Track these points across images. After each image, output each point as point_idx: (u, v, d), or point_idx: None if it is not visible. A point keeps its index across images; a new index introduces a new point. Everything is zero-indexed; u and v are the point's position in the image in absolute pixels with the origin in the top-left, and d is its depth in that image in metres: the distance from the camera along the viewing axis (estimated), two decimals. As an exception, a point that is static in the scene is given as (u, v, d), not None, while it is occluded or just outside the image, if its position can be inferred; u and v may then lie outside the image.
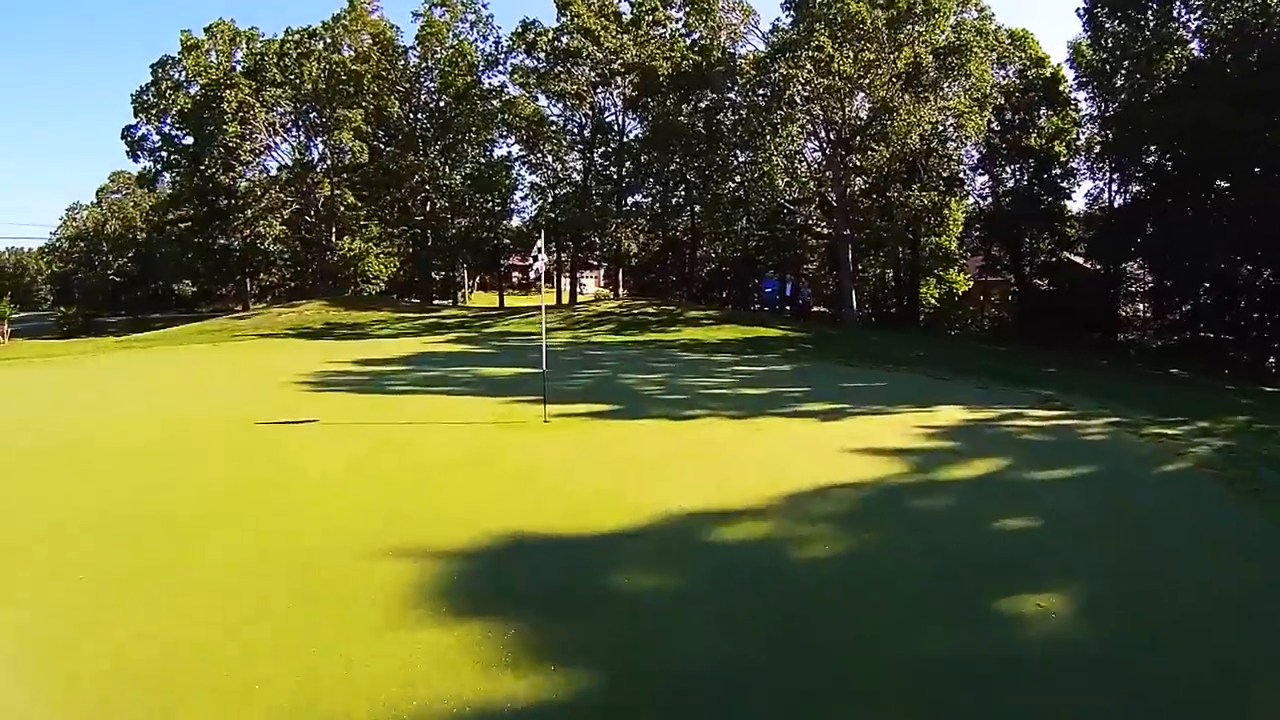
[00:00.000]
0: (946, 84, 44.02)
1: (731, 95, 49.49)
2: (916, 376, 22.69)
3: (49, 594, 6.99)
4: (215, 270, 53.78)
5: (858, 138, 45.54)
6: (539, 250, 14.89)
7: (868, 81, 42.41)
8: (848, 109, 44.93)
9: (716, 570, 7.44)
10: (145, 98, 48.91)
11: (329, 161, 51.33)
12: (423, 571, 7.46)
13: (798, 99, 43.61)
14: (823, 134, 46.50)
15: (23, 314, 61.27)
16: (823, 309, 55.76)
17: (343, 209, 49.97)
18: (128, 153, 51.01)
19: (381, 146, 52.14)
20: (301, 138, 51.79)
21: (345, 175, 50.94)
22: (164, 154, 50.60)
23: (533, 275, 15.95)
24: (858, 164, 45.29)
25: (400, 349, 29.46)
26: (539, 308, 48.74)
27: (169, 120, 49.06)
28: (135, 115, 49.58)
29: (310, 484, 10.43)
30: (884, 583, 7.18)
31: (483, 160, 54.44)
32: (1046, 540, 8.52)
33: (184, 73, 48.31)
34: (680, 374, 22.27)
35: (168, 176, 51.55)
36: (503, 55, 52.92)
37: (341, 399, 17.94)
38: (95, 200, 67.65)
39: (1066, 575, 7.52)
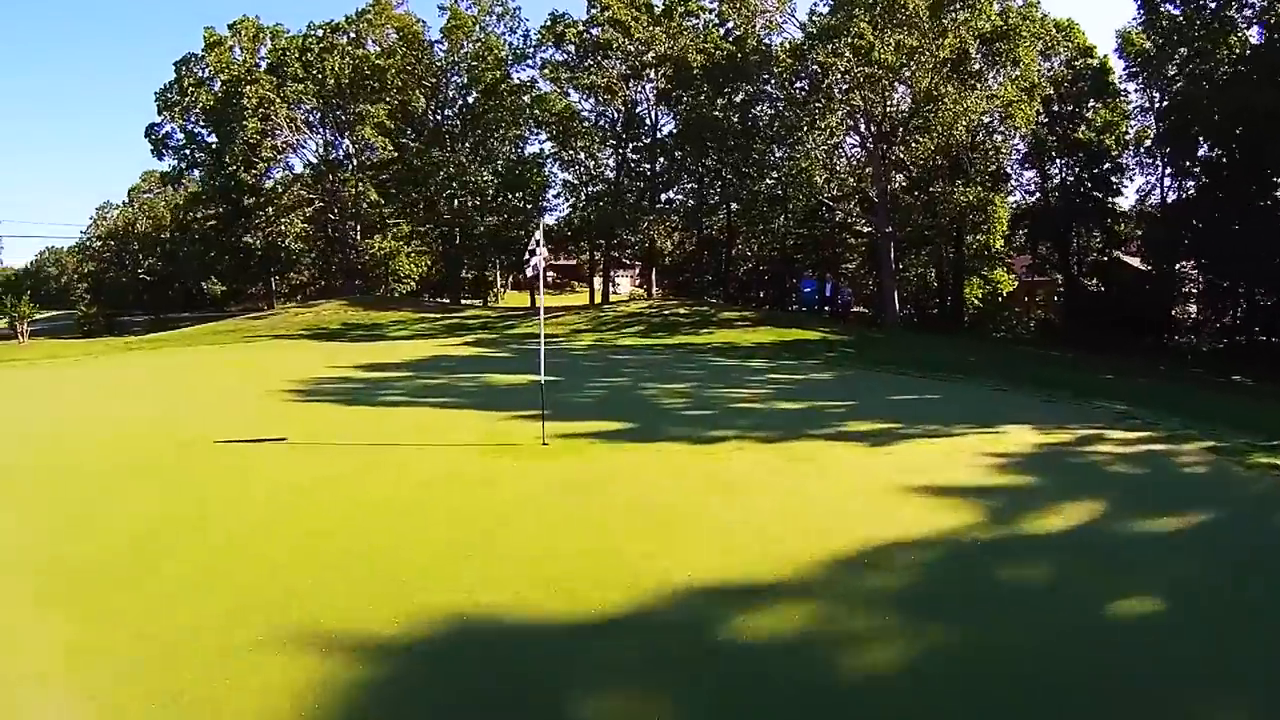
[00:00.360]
0: (993, 73, 41.34)
1: (768, 88, 46.99)
2: (971, 387, 20.13)
3: None
4: (240, 269, 52.28)
5: (900, 130, 42.95)
6: (537, 243, 12.60)
7: (910, 71, 39.73)
8: (889, 100, 42.33)
9: (728, 691, 5.11)
10: (169, 95, 47.53)
11: (354, 160, 49.59)
12: (324, 676, 5.25)
13: (836, 90, 41.14)
14: (863, 128, 43.92)
15: (55, 312, 60.50)
16: (862, 309, 53.14)
17: (365, 206, 48.11)
18: (153, 151, 49.83)
19: (409, 143, 50.28)
20: (326, 135, 50.10)
21: (370, 172, 49.13)
22: (188, 152, 49.20)
23: (529, 273, 13.77)
24: (901, 156, 42.66)
25: (412, 352, 27.47)
26: (570, 308, 47.93)
27: (193, 118, 47.59)
28: (159, 113, 48.39)
29: (231, 529, 8.31)
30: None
31: (514, 157, 52.46)
32: (1181, 633, 6.08)
33: (207, 69, 46.72)
34: (709, 383, 19.90)
35: (195, 174, 49.97)
36: (531, 49, 50.99)
37: (324, 411, 15.88)
38: (127, 199, 66.77)
39: (1222, 693, 5.11)
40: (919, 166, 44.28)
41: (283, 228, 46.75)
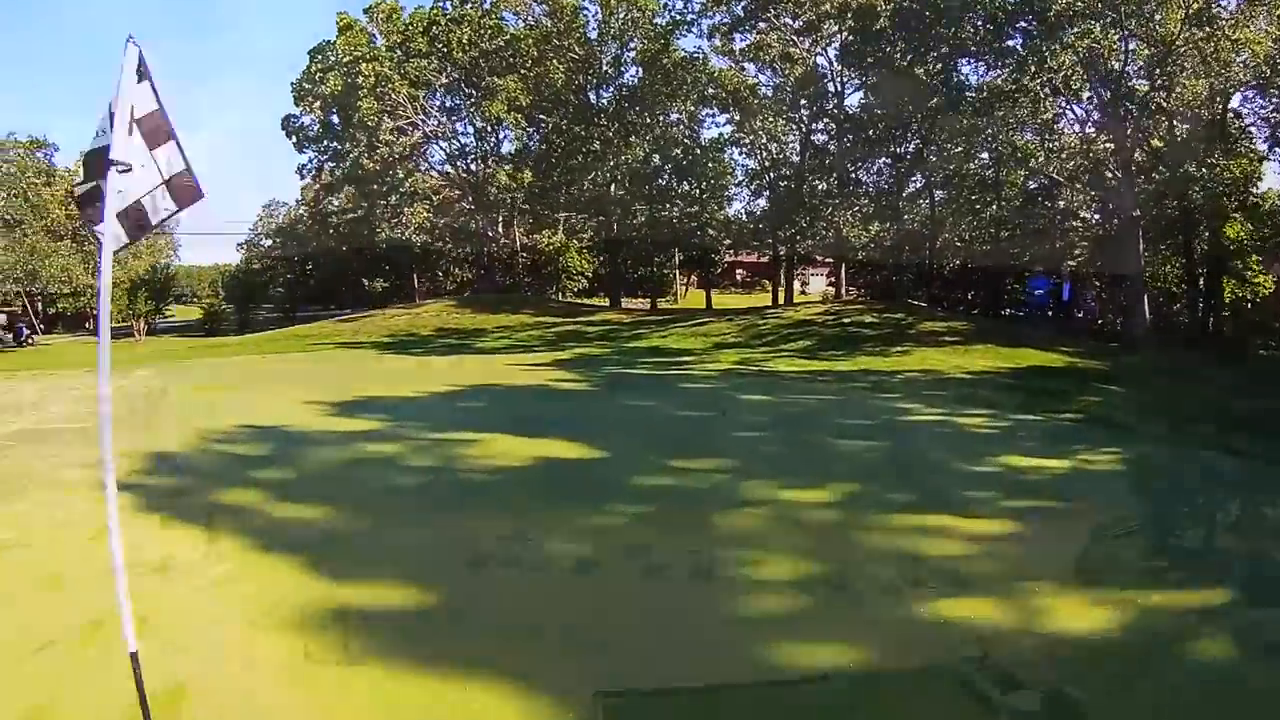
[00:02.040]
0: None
1: (973, 45, 35.01)
2: None
3: None
4: (376, 264, 46.17)
5: (1155, 73, 30.13)
6: (102, 133, 3.02)
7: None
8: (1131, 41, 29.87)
9: None
10: (303, 85, 41.83)
11: (488, 143, 42.14)
12: None
13: (1066, 26, 29.21)
14: (1093, 89, 31.80)
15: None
16: (1082, 314, 39.49)
17: (494, 191, 40.14)
18: (294, 145, 44.47)
19: (551, 120, 41.98)
20: (461, 117, 42.84)
21: (506, 156, 41.43)
22: (325, 143, 43.42)
23: (101, 232, 2.61)
24: (1163, 103, 30.42)
25: (466, 374, 18.76)
26: (730, 313, 38.10)
27: (325, 106, 41.64)
28: (295, 104, 42.82)
29: None
30: None
31: (687, 140, 43.42)
32: None
33: (336, 55, 40.55)
34: (883, 484, 9.37)
35: (330, 165, 44.24)
36: (693, 15, 41.35)
37: (58, 545, 7.15)
38: (300, 197, 62.98)
39: None
40: (1184, 121, 31.70)
41: (403, 218, 39.71)
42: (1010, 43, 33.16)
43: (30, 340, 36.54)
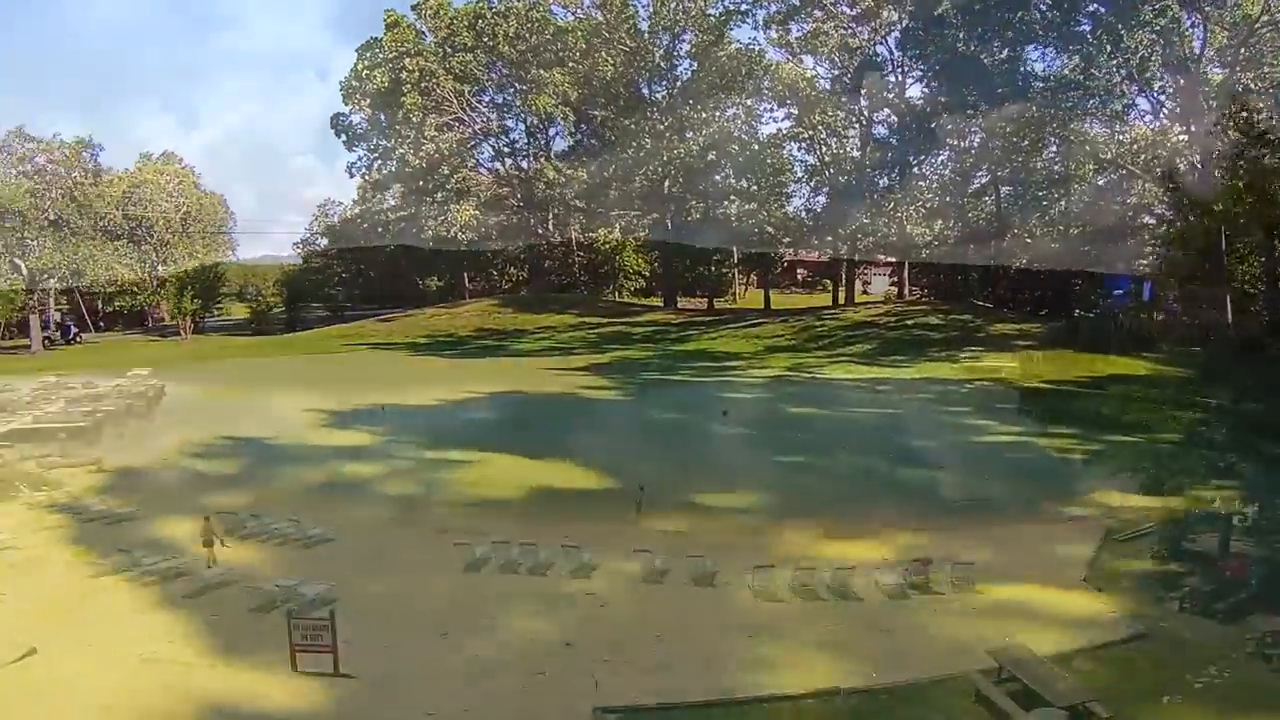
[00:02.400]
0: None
1: (1038, 29, 32.66)
2: None
3: None
4: (425, 264, 45.04)
5: (1242, 51, 27.60)
6: None
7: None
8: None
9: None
10: (352, 83, 41.00)
11: (537, 139, 40.77)
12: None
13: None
14: (1167, 75, 29.20)
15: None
16: (1163, 315, 36.32)
17: (542, 187, 38.67)
18: (345, 143, 43.65)
19: (611, 117, 40.38)
20: (518, 118, 41.64)
21: (557, 153, 40.08)
22: (374, 140, 42.58)
23: None
24: (1250, 86, 27.23)
25: (490, 379, 17.32)
26: (785, 313, 35.87)
27: (372, 103, 40.78)
28: (344, 102, 42.01)
29: None
30: None
31: (745, 135, 41.53)
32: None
33: (384, 52, 39.58)
34: (952, 530, 7.57)
35: (378, 164, 43.34)
36: (748, 4, 39.31)
37: None
38: (355, 196, 62.30)
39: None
40: (1266, 109, 28.98)
41: (449, 216, 38.44)
42: (1080, 28, 30.99)
43: (78, 338, 36.31)
